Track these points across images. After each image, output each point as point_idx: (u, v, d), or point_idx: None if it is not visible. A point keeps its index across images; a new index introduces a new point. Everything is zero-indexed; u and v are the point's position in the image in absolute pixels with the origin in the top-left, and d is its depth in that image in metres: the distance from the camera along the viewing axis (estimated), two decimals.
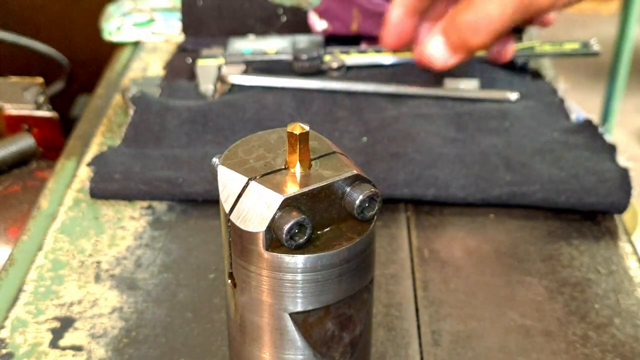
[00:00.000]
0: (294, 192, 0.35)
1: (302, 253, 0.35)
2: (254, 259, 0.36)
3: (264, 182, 0.36)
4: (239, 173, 0.36)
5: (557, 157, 0.64)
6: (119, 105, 0.77)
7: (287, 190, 0.35)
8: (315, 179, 0.36)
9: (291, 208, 0.35)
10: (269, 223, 0.35)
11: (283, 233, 0.34)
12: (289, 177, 0.36)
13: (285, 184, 0.36)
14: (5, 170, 0.71)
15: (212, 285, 0.54)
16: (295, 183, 0.36)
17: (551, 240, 0.59)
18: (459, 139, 0.67)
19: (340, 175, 0.36)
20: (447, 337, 0.50)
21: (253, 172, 0.36)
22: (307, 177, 0.36)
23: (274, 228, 0.35)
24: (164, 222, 0.61)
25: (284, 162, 0.37)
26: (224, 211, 0.37)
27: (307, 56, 0.79)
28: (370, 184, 0.37)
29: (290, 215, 0.34)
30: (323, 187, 0.36)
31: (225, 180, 0.37)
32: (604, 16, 3.29)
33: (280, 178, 0.36)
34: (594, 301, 0.53)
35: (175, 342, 0.50)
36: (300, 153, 0.36)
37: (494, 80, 0.78)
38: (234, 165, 0.37)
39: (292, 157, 0.36)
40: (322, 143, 0.39)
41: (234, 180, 0.36)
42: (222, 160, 0.38)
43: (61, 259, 0.57)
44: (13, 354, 0.49)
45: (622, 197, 0.60)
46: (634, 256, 0.57)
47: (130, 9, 0.93)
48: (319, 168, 0.37)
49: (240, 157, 0.38)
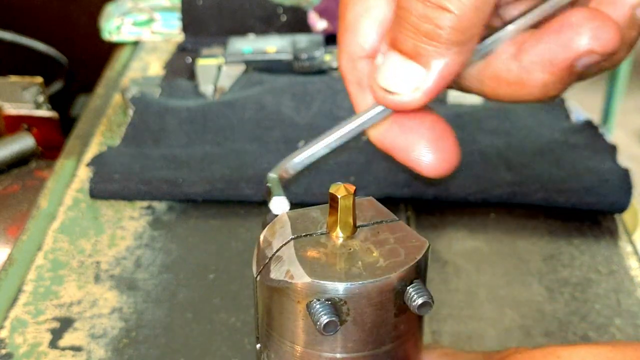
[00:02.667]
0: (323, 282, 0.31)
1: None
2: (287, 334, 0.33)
3: (300, 250, 0.33)
4: (280, 237, 0.33)
5: (557, 157, 0.64)
6: (118, 105, 0.77)
7: (317, 275, 0.32)
8: (359, 272, 0.32)
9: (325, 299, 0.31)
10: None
11: (317, 326, 0.31)
12: (328, 254, 0.33)
13: (322, 263, 0.32)
14: (4, 170, 0.71)
15: (212, 285, 0.54)
16: (332, 266, 0.32)
17: (551, 240, 0.59)
18: (459, 139, 0.67)
19: (393, 272, 0.32)
20: (447, 338, 0.50)
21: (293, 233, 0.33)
22: (350, 258, 0.32)
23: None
24: (163, 222, 0.61)
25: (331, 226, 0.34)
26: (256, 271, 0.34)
27: (307, 56, 0.79)
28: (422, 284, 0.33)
29: (325, 308, 0.31)
30: (370, 284, 0.32)
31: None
32: None
33: (319, 251, 0.33)
34: (595, 301, 0.53)
35: (175, 342, 0.50)
36: (342, 220, 0.33)
37: None
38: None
39: (333, 223, 0.33)
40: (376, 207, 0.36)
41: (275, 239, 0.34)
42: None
43: (61, 259, 0.57)
44: (12, 354, 0.49)
45: (623, 197, 0.60)
46: (634, 256, 0.57)
47: (130, 8, 0.93)
48: (368, 242, 0.33)
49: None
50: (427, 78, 0.34)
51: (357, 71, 0.37)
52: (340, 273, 0.32)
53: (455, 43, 0.32)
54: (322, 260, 0.32)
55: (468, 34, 0.32)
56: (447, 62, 0.33)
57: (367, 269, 0.32)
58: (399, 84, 0.34)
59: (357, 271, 0.32)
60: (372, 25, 0.36)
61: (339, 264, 0.32)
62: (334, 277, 0.31)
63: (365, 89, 0.37)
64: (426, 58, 0.33)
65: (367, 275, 0.32)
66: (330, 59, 0.80)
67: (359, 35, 0.36)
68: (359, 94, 0.37)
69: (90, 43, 1.00)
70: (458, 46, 0.33)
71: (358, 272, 0.32)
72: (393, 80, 0.34)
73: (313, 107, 0.73)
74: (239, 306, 0.52)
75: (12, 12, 1.15)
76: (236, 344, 0.49)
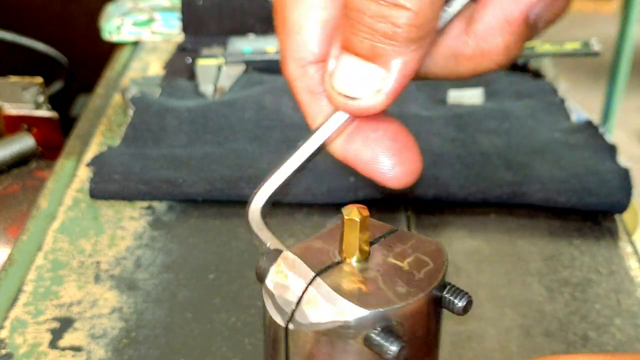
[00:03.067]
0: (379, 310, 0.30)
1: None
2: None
3: (332, 284, 0.31)
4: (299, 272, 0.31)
5: (557, 157, 0.64)
6: (118, 105, 0.77)
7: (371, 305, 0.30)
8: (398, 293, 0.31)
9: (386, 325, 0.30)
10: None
11: (386, 356, 0.30)
12: (361, 282, 0.31)
13: (364, 294, 0.30)
14: (4, 170, 0.71)
15: (212, 286, 0.54)
16: (377, 291, 0.31)
17: (552, 240, 0.59)
18: (459, 139, 0.67)
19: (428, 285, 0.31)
20: (447, 338, 0.50)
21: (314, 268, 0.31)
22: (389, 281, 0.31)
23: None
24: (163, 222, 0.61)
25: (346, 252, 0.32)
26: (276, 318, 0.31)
27: None
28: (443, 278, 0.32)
29: (388, 336, 0.30)
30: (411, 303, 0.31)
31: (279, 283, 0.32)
32: (604, 16, 3.29)
33: (352, 280, 0.31)
34: (595, 301, 0.53)
35: (175, 342, 0.50)
36: (359, 243, 0.32)
37: (494, 81, 0.78)
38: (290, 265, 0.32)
39: (349, 247, 0.32)
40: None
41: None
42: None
43: (61, 259, 0.57)
44: (12, 354, 0.49)
45: (623, 197, 0.60)
46: (634, 256, 0.57)
47: (130, 8, 0.93)
48: (390, 259, 0.33)
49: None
50: (388, 79, 0.32)
51: (308, 77, 0.34)
52: (389, 296, 0.31)
53: (413, 40, 0.31)
54: (362, 288, 0.31)
55: (426, 29, 0.31)
56: (407, 60, 0.32)
57: (410, 284, 0.31)
58: (359, 88, 0.33)
59: (403, 289, 0.31)
60: (318, 28, 0.34)
61: (382, 287, 0.31)
62: (387, 302, 0.30)
63: (318, 97, 0.35)
64: (385, 58, 0.32)
65: (415, 291, 0.31)
66: None
67: (306, 39, 0.34)
68: (312, 102, 0.35)
69: (90, 43, 1.00)
70: (417, 42, 0.31)
71: (404, 290, 0.31)
72: (352, 85, 0.33)
73: None
74: (239, 306, 0.52)
75: (12, 12, 1.15)
76: (236, 344, 0.49)
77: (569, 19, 1.70)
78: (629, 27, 2.04)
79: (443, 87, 0.77)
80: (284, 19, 0.34)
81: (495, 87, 0.77)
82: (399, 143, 0.35)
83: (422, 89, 0.77)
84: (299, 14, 0.34)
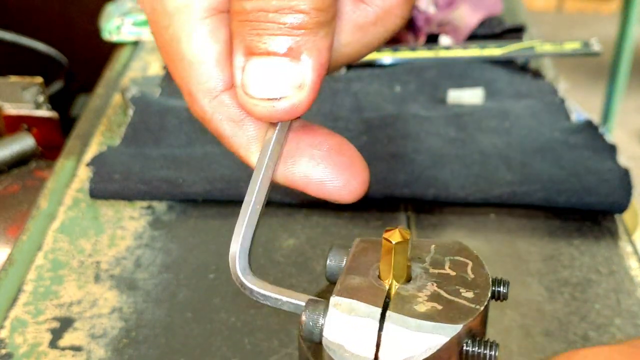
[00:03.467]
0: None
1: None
2: None
3: (410, 311, 0.30)
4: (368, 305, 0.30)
5: (557, 157, 0.64)
6: (118, 104, 0.77)
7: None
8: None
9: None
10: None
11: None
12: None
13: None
14: (4, 170, 0.71)
15: (212, 285, 0.54)
16: (454, 303, 0.30)
17: (552, 240, 0.59)
18: (459, 139, 0.67)
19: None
20: None
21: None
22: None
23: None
24: (163, 222, 0.61)
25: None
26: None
27: None
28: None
29: (481, 344, 0.30)
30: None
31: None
32: (604, 16, 3.29)
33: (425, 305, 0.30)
34: (595, 301, 0.53)
35: (175, 342, 0.50)
36: (395, 268, 0.31)
37: (494, 81, 0.78)
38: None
39: (399, 270, 0.31)
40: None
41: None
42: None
43: (61, 259, 0.57)
44: (12, 354, 0.49)
45: (623, 196, 0.60)
46: (634, 256, 0.57)
47: (130, 8, 0.93)
48: (435, 273, 0.32)
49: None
50: (307, 70, 0.30)
51: (225, 106, 0.32)
52: (466, 305, 0.30)
53: (321, 24, 0.30)
54: (436, 306, 0.30)
55: (331, 11, 0.30)
56: (320, 47, 0.30)
57: (470, 287, 0.31)
58: (279, 87, 0.30)
59: (470, 294, 0.31)
60: (220, 53, 0.32)
61: (451, 298, 0.31)
62: (470, 311, 0.30)
63: (241, 123, 0.33)
64: (298, 50, 0.30)
65: (481, 291, 0.31)
66: None
67: (211, 68, 0.32)
68: (237, 130, 0.33)
69: (90, 43, 1.00)
70: (325, 27, 0.30)
71: (471, 294, 0.31)
72: (271, 86, 0.30)
73: (313, 107, 0.73)
74: (239, 306, 0.52)
75: (12, 12, 1.15)
76: (236, 344, 0.49)
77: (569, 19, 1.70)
78: (629, 27, 2.04)
79: (443, 87, 0.77)
80: (178, 54, 0.32)
81: (495, 87, 0.77)
82: (346, 156, 0.34)
83: (422, 89, 0.77)
84: (195, 46, 0.32)
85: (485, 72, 0.79)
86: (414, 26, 0.86)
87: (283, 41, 0.30)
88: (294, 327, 0.51)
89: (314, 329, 0.30)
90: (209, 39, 0.32)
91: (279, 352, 0.49)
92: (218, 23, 0.32)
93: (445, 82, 0.78)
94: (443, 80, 0.78)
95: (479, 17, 0.90)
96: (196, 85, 0.32)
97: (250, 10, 0.30)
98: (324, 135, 0.34)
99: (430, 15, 0.87)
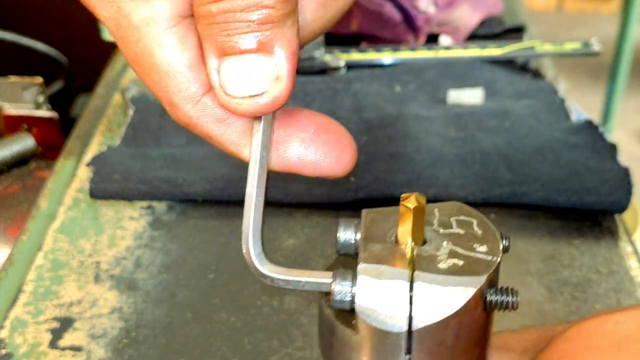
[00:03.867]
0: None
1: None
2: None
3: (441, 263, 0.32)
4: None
5: (557, 157, 0.64)
6: (118, 105, 0.77)
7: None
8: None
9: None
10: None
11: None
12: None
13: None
14: (4, 170, 0.71)
15: (212, 285, 0.54)
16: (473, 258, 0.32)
17: (552, 240, 0.59)
18: (459, 139, 0.67)
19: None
20: None
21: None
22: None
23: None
24: (163, 222, 0.61)
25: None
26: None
27: (307, 56, 0.79)
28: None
29: (502, 291, 0.33)
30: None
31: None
32: (604, 16, 3.29)
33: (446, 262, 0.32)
34: (595, 301, 0.53)
35: (175, 342, 0.50)
36: (414, 231, 0.32)
37: (494, 81, 0.78)
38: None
39: (417, 234, 0.32)
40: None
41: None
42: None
43: (61, 259, 0.57)
44: (12, 354, 0.49)
45: (623, 196, 0.59)
46: (634, 256, 0.57)
47: None
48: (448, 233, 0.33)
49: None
50: (281, 62, 0.31)
51: (209, 108, 0.33)
52: (483, 258, 0.32)
53: (287, 15, 0.30)
54: (457, 262, 0.32)
55: (294, 0, 0.31)
56: (289, 37, 0.31)
57: (482, 241, 0.33)
58: (258, 83, 0.31)
59: (484, 247, 0.33)
60: (194, 57, 0.32)
61: (469, 254, 0.32)
62: (489, 263, 0.32)
63: (227, 120, 0.34)
64: (269, 44, 0.31)
65: (492, 244, 0.33)
66: (330, 59, 0.80)
67: (190, 74, 0.32)
68: (224, 129, 0.34)
69: (90, 43, 1.00)
70: (291, 16, 0.31)
71: (485, 247, 0.33)
72: (249, 84, 0.31)
73: (313, 107, 0.73)
74: (239, 306, 0.52)
75: (12, 12, 1.15)
76: (236, 344, 0.49)
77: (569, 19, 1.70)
78: (629, 27, 2.04)
79: (443, 87, 0.77)
80: (152, 66, 0.32)
81: (495, 87, 0.77)
82: (333, 133, 0.35)
83: (422, 89, 0.77)
84: (167, 55, 0.32)
85: (485, 72, 0.79)
86: (414, 26, 0.86)
87: (253, 38, 0.30)
88: (294, 327, 0.51)
89: (345, 297, 0.31)
90: (180, 46, 0.32)
91: (278, 352, 0.49)
92: (185, 29, 0.32)
93: (445, 82, 0.78)
94: (443, 80, 0.78)
95: (479, 17, 0.90)
96: (176, 94, 0.32)
97: (217, 13, 0.30)
98: (308, 117, 0.35)
99: (430, 15, 0.87)
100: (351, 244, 0.34)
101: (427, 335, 0.31)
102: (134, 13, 0.32)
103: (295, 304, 0.53)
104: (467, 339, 0.32)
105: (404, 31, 0.86)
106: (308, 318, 0.51)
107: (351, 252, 0.34)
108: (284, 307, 0.52)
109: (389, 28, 0.85)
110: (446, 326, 0.31)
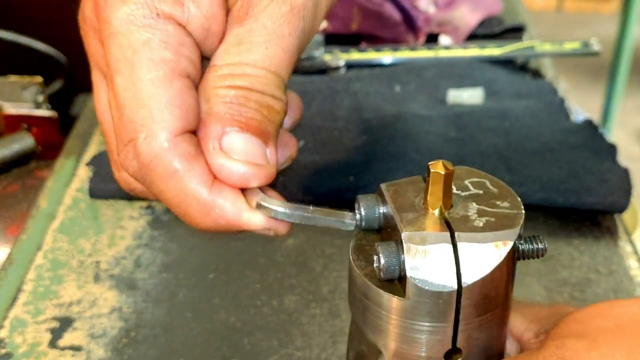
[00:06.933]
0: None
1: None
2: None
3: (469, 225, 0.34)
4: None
5: (557, 157, 0.64)
6: None
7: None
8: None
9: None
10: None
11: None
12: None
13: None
14: (4, 170, 0.71)
15: (212, 285, 0.54)
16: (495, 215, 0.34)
17: (551, 240, 0.59)
18: (459, 139, 0.67)
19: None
20: None
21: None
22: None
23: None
24: (163, 221, 0.61)
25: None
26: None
27: (307, 56, 0.79)
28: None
29: (530, 239, 0.35)
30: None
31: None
32: (604, 15, 3.29)
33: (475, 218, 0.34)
34: (594, 301, 0.53)
35: (175, 342, 0.50)
36: (444, 196, 0.34)
37: (494, 81, 0.78)
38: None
39: (447, 198, 0.34)
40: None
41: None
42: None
43: (60, 258, 0.57)
44: (12, 354, 0.49)
45: (622, 196, 0.59)
46: (634, 256, 0.57)
47: None
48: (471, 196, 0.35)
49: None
50: (271, 153, 0.38)
51: (186, 144, 0.35)
52: (510, 212, 0.35)
53: (281, 119, 0.38)
54: (489, 219, 0.34)
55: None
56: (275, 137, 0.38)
57: (502, 199, 0.35)
58: (257, 159, 0.37)
59: (506, 203, 0.35)
60: (185, 98, 0.36)
61: (495, 211, 0.34)
62: (516, 216, 0.34)
63: (197, 158, 0.36)
64: (270, 135, 0.37)
65: (512, 199, 0.35)
66: (330, 58, 0.80)
67: (179, 111, 0.35)
68: (195, 164, 0.36)
69: None
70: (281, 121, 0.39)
71: (507, 203, 0.35)
72: (251, 156, 0.36)
73: (313, 106, 0.73)
74: (239, 306, 0.52)
75: (12, 12, 1.15)
76: (236, 344, 0.49)
77: (569, 19, 1.70)
78: (629, 27, 2.04)
79: (443, 87, 0.77)
80: (141, 98, 0.35)
81: (495, 87, 0.77)
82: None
83: (422, 89, 0.77)
84: (160, 94, 0.35)
85: (485, 72, 0.79)
86: (414, 26, 0.86)
87: (260, 123, 0.36)
88: (293, 327, 0.51)
89: (395, 266, 0.33)
90: (167, 85, 0.35)
91: (278, 352, 0.49)
92: (186, 63, 0.36)
93: (445, 82, 0.78)
94: (443, 80, 0.78)
95: (479, 17, 0.90)
96: (160, 125, 0.35)
97: (251, 88, 0.36)
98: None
99: (430, 15, 0.87)
100: (375, 217, 0.36)
101: (474, 290, 0.33)
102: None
103: (295, 303, 0.53)
104: (504, 290, 0.35)
105: (403, 31, 0.86)
106: (308, 318, 0.51)
107: (375, 226, 0.36)
108: (284, 307, 0.52)
109: (389, 28, 0.85)
110: (491, 279, 0.33)
